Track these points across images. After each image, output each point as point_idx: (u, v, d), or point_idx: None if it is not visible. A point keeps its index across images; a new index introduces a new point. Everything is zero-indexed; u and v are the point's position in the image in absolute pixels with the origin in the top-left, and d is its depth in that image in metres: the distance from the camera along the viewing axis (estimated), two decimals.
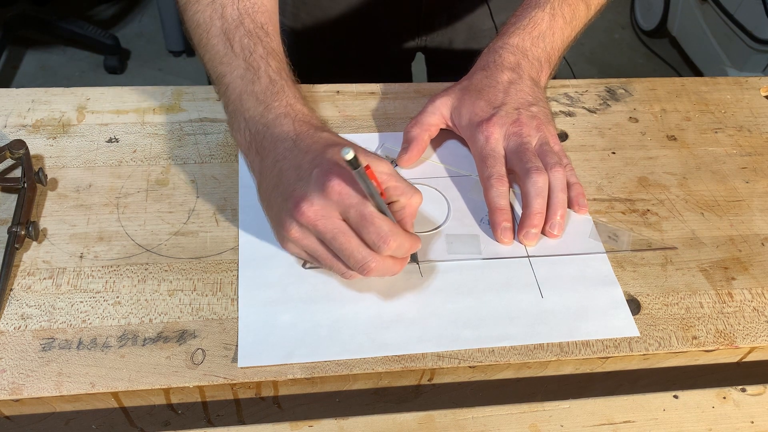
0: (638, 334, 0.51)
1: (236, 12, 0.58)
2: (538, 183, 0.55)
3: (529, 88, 0.60)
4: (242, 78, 0.55)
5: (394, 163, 0.61)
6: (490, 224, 0.56)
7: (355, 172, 0.44)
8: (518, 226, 0.56)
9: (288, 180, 0.49)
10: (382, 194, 0.47)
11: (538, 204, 0.55)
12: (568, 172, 0.58)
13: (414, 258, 0.53)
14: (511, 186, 0.58)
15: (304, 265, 0.52)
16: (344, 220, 0.47)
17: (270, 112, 0.53)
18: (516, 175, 0.57)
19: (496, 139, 0.57)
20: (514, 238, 0.56)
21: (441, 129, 0.62)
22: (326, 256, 0.49)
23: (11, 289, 0.50)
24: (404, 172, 0.61)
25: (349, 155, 0.43)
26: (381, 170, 0.48)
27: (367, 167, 0.44)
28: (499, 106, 0.58)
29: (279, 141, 0.51)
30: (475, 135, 0.58)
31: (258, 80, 0.55)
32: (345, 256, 0.47)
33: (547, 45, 0.63)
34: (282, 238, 0.51)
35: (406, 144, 0.60)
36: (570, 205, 0.58)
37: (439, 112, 0.61)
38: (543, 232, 0.56)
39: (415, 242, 0.49)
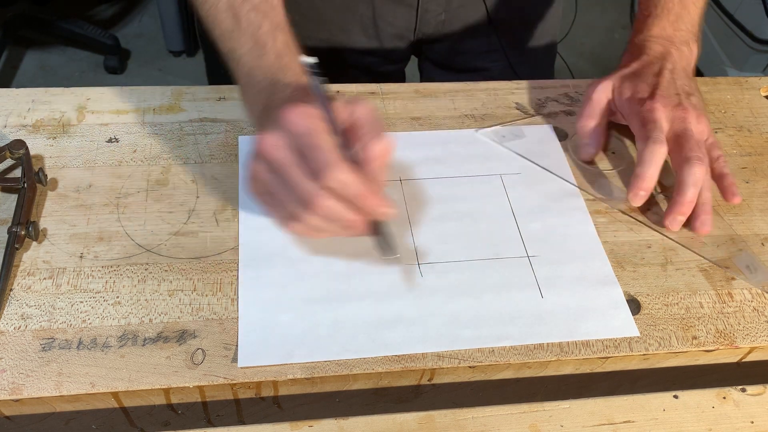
0: (638, 335, 0.51)
1: None
2: (696, 174, 0.55)
3: (686, 78, 0.60)
4: (250, 53, 0.56)
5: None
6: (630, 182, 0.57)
7: (314, 81, 0.45)
8: (666, 211, 0.57)
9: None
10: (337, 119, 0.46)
11: (692, 193, 0.55)
12: (722, 164, 0.58)
13: (388, 250, 0.50)
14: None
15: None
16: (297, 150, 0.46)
17: (275, 86, 0.54)
18: (671, 160, 0.58)
19: (661, 115, 0.57)
20: (640, 204, 0.57)
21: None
22: (275, 188, 0.48)
23: (11, 289, 0.50)
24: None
25: (311, 59, 0.43)
26: (354, 108, 0.47)
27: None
28: (662, 89, 0.58)
29: (279, 107, 0.52)
30: (637, 109, 0.58)
31: (266, 55, 0.55)
32: (291, 188, 0.46)
33: (686, 24, 0.64)
34: (248, 180, 0.51)
35: (591, 142, 0.61)
36: (724, 195, 0.58)
37: (605, 95, 0.61)
38: (693, 228, 0.57)
39: (368, 193, 0.46)
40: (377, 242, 0.51)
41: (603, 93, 0.62)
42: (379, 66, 0.91)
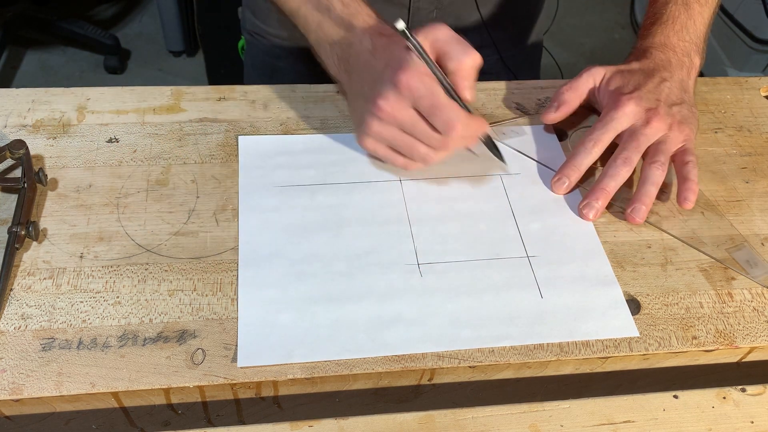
0: (638, 335, 0.51)
1: None
2: (618, 170, 0.57)
3: (677, 89, 0.61)
4: (317, 8, 0.60)
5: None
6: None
7: (409, 43, 0.52)
8: (583, 197, 0.58)
9: (368, 85, 0.56)
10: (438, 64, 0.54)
11: (605, 183, 0.57)
12: (689, 169, 0.58)
13: (490, 144, 0.58)
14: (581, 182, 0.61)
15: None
16: (416, 109, 0.53)
17: (351, 33, 0.58)
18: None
19: (626, 113, 0.59)
20: (564, 193, 0.60)
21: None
22: (406, 142, 0.55)
23: (11, 289, 0.50)
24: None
25: (400, 25, 0.50)
26: (436, 36, 0.54)
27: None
28: (643, 91, 0.60)
29: (360, 55, 0.57)
30: (610, 102, 0.61)
31: (332, 7, 0.59)
32: (420, 140, 0.55)
33: (691, 35, 0.65)
34: (363, 135, 0.57)
35: (557, 104, 0.63)
36: (677, 197, 0.58)
37: (593, 78, 0.63)
38: (625, 216, 0.58)
39: (481, 124, 0.55)
40: (488, 149, 0.60)
41: (591, 77, 0.64)
42: None
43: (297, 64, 0.89)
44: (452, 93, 0.54)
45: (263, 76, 0.95)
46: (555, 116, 0.64)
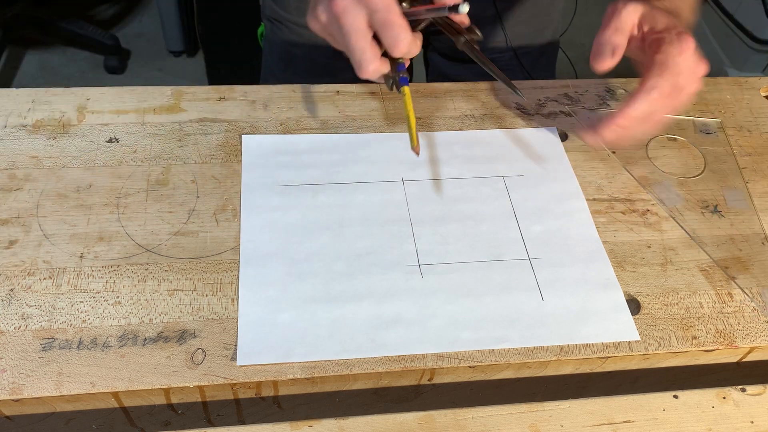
0: (639, 339, 0.51)
1: None
2: (655, 102, 0.55)
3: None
4: None
5: None
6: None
7: None
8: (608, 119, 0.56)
9: None
10: None
11: (641, 110, 0.55)
12: (642, 94, 0.55)
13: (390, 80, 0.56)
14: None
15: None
16: (369, 20, 0.52)
17: None
18: (644, 66, 0.57)
19: (685, 58, 0.56)
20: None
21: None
22: (343, 45, 0.54)
23: (12, 289, 0.50)
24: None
25: None
26: None
27: None
28: (685, 29, 0.57)
29: None
30: (668, 41, 0.55)
31: None
32: (352, 53, 0.53)
33: (686, 14, 0.62)
34: (311, 18, 0.56)
35: (612, 49, 0.57)
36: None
37: (631, 17, 0.57)
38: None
39: (417, 44, 0.55)
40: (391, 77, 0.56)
41: (630, 15, 0.58)
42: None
43: (315, 52, 0.88)
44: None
45: (281, 62, 0.94)
46: (613, 62, 0.57)
